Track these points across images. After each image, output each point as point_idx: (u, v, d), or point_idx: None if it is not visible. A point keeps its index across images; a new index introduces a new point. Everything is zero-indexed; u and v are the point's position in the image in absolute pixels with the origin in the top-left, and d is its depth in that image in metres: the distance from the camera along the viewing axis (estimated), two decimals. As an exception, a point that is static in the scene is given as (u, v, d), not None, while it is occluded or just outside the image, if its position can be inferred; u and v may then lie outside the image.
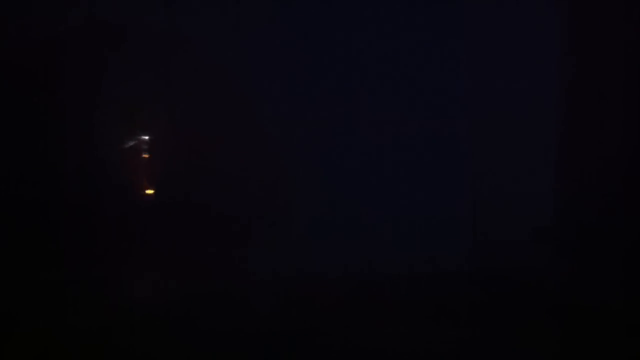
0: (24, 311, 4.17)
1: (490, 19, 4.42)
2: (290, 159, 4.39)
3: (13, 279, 4.21)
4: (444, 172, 4.43)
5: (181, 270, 4.30)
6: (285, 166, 4.39)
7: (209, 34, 4.36)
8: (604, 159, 4.34)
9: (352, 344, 4.14)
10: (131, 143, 4.44)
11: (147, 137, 4.46)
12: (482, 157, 4.41)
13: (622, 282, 4.23)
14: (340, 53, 4.40)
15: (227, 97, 4.40)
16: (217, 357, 4.12)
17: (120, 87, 4.39)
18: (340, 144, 4.41)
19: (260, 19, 4.36)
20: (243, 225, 4.37)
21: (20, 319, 4.14)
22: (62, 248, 4.31)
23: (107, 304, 4.22)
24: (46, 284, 4.22)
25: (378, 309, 4.26)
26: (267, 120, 4.40)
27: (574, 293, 4.23)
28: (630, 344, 4.11)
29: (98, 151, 4.41)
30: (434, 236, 4.36)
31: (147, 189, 4.41)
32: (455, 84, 4.45)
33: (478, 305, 4.25)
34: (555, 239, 4.31)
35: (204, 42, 4.37)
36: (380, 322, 4.21)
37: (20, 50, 4.30)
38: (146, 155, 4.44)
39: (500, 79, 4.43)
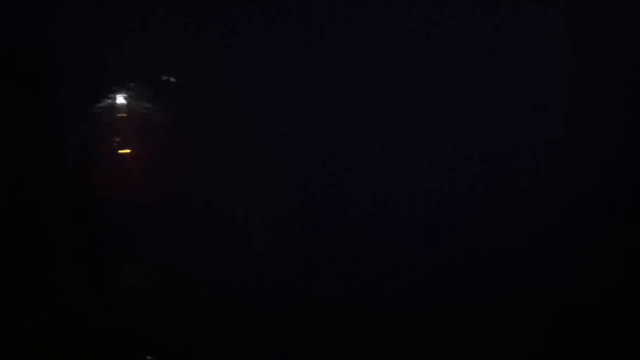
0: (20, 312, 4.17)
1: (488, 17, 4.42)
2: (291, 159, 4.39)
3: (9, 280, 4.21)
4: (444, 171, 4.42)
5: (180, 270, 4.30)
6: (286, 166, 4.39)
7: (208, 32, 4.35)
8: (604, 159, 4.35)
9: (352, 344, 4.16)
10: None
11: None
12: (481, 157, 4.41)
13: (622, 282, 4.25)
14: (343, 51, 4.39)
15: (228, 96, 4.39)
16: (216, 357, 4.14)
17: (119, 85, 4.38)
18: (340, 144, 4.40)
19: (262, 13, 4.36)
20: (243, 224, 4.37)
21: (16, 319, 4.15)
22: (57, 247, 4.31)
23: (104, 303, 4.23)
24: (42, 284, 4.22)
25: (378, 308, 4.27)
26: (267, 119, 4.40)
27: (574, 293, 4.24)
28: (630, 344, 4.13)
29: (96, 150, 4.40)
30: (433, 236, 4.36)
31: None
32: (454, 82, 4.44)
33: (478, 305, 4.26)
34: (555, 239, 4.32)
35: (204, 40, 4.36)
36: (381, 322, 4.23)
37: (20, 50, 4.29)
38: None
39: (499, 78, 4.43)
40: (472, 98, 4.39)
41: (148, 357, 4.13)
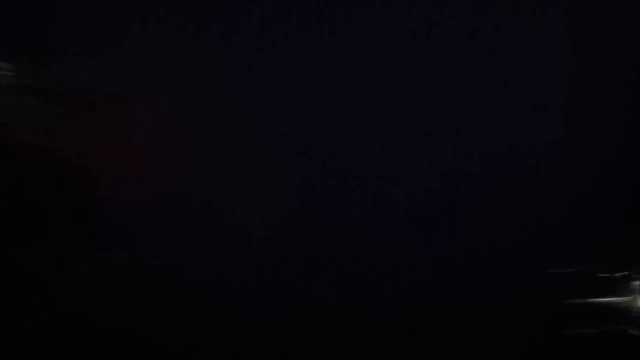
0: (18, 313, 4.16)
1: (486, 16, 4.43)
2: (291, 158, 4.38)
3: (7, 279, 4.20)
4: (443, 171, 4.42)
5: (179, 270, 4.29)
6: (286, 165, 4.38)
7: (208, 32, 4.35)
8: (604, 159, 4.35)
9: (352, 345, 4.15)
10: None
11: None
12: (481, 157, 4.41)
13: (622, 282, 4.26)
14: (343, 50, 4.39)
15: (228, 96, 4.38)
16: (216, 357, 4.13)
17: (119, 84, 4.37)
18: (340, 144, 4.39)
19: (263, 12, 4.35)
20: (243, 225, 4.36)
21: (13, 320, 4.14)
22: (55, 246, 4.30)
23: (103, 303, 4.22)
24: (38, 282, 4.21)
25: (378, 309, 4.27)
26: (267, 119, 4.39)
27: (574, 293, 4.25)
28: (630, 344, 4.14)
29: (97, 148, 4.39)
30: (433, 236, 4.36)
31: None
32: (454, 82, 4.44)
33: (478, 305, 4.27)
34: (555, 238, 4.32)
35: (204, 40, 4.35)
36: (380, 322, 4.23)
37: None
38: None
39: (499, 78, 4.43)
40: (471, 98, 4.39)
41: None
